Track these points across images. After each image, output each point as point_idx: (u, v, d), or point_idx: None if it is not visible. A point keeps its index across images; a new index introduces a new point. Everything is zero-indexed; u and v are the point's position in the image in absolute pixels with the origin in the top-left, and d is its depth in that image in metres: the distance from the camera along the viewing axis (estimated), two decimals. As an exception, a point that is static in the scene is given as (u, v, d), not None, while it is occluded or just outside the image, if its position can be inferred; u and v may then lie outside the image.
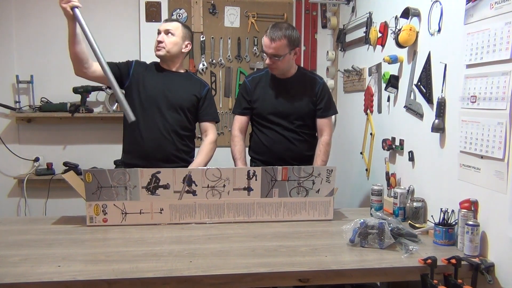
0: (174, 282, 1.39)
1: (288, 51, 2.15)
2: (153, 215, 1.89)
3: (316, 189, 1.95)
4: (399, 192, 1.99)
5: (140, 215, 1.89)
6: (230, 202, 1.91)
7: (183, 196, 1.89)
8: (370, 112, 2.58)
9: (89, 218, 1.88)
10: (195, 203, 1.90)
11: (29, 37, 3.28)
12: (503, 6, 1.45)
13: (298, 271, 1.45)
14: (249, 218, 1.93)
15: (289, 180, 1.91)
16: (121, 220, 1.89)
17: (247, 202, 1.92)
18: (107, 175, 1.84)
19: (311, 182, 1.94)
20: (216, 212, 1.92)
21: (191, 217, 1.91)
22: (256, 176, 1.89)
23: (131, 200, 1.88)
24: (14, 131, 3.32)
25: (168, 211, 1.90)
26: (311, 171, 1.92)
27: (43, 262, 1.48)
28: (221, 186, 1.89)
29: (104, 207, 1.87)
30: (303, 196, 1.94)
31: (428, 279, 1.43)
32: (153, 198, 1.88)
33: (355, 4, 2.92)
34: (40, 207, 3.37)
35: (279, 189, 1.92)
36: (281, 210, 1.94)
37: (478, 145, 1.56)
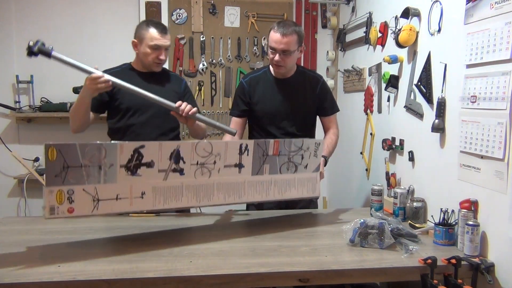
0: (174, 282, 1.39)
1: (296, 48, 2.13)
2: (133, 201, 1.58)
3: (305, 164, 1.88)
4: (399, 192, 1.99)
5: (117, 202, 1.55)
6: (220, 181, 1.72)
7: (169, 176, 1.62)
8: (370, 112, 2.58)
9: (49, 208, 1.47)
10: (182, 184, 1.65)
11: (29, 37, 3.26)
12: (503, 6, 1.45)
13: (298, 271, 1.45)
14: (240, 199, 1.78)
15: (280, 155, 1.82)
16: (92, 209, 1.53)
17: (237, 181, 1.75)
18: (77, 151, 1.47)
19: (300, 157, 1.87)
20: (205, 193, 1.70)
21: (177, 201, 1.65)
22: (248, 150, 1.74)
23: (105, 183, 1.53)
24: (14, 131, 3.32)
25: (151, 195, 1.60)
26: (300, 144, 1.86)
27: (43, 262, 1.48)
28: (211, 163, 1.68)
29: (70, 193, 1.49)
30: (293, 172, 1.86)
31: (428, 279, 1.43)
32: (133, 180, 1.56)
33: (355, 4, 2.92)
34: (40, 207, 3.36)
35: (270, 165, 1.81)
36: (272, 189, 1.83)
37: (478, 145, 1.56)
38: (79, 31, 3.32)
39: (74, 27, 3.31)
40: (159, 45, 2.08)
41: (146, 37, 2.07)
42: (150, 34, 2.06)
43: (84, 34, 3.32)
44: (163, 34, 2.08)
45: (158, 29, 2.08)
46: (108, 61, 3.31)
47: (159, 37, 2.07)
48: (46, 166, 1.45)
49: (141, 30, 2.10)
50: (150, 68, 2.16)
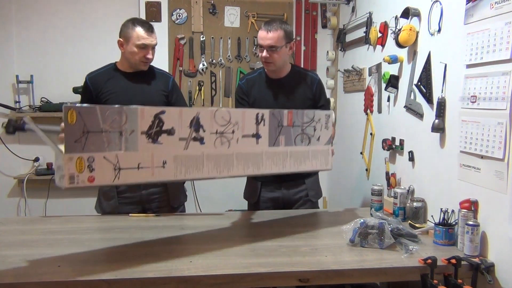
0: (174, 282, 1.39)
1: (284, 43, 2.12)
2: (154, 170, 1.52)
3: (317, 136, 1.91)
4: (399, 192, 1.99)
5: (138, 171, 1.49)
6: (239, 152, 1.70)
7: (190, 145, 1.58)
8: (370, 112, 2.58)
9: (69, 177, 1.36)
10: (202, 154, 1.61)
11: (29, 37, 3.28)
12: (503, 6, 1.45)
13: (298, 271, 1.45)
14: (259, 170, 1.77)
15: (294, 126, 1.84)
16: (113, 178, 1.44)
17: (255, 152, 1.75)
18: (98, 114, 1.41)
19: (313, 129, 1.90)
20: (225, 164, 1.67)
21: (198, 171, 1.60)
22: (264, 120, 1.75)
23: (126, 151, 1.45)
24: (14, 131, 3.32)
25: (172, 165, 1.55)
26: (312, 115, 1.89)
27: (43, 262, 1.48)
28: (230, 133, 1.67)
29: (91, 161, 1.40)
30: (306, 144, 1.89)
31: (428, 279, 1.43)
32: (154, 148, 1.51)
33: (355, 4, 2.92)
34: (40, 207, 3.37)
35: (285, 136, 1.82)
36: (288, 161, 1.84)
37: (478, 145, 1.56)
38: (79, 31, 3.32)
39: (74, 27, 3.31)
40: (146, 44, 2.05)
41: (132, 36, 2.04)
42: (136, 33, 2.04)
43: (84, 34, 3.32)
44: (149, 33, 2.06)
45: (144, 27, 2.05)
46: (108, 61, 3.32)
47: (146, 36, 2.04)
48: (66, 131, 1.38)
49: (126, 29, 2.06)
50: (137, 67, 2.13)
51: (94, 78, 2.12)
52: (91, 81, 2.12)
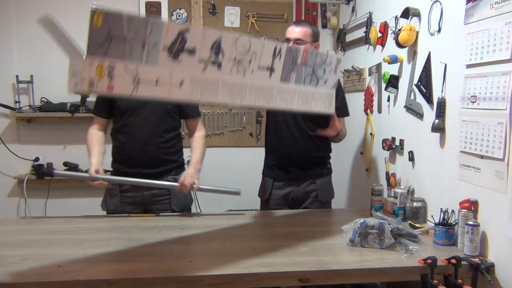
0: (174, 282, 1.39)
1: (310, 41, 2.21)
2: (171, 89, 1.52)
3: (325, 79, 1.94)
4: (399, 192, 1.99)
5: (156, 87, 1.49)
6: (252, 83, 1.71)
7: (207, 68, 1.57)
8: (370, 112, 2.58)
9: (89, 81, 1.35)
10: (218, 80, 1.61)
11: (29, 37, 3.28)
12: (503, 6, 1.45)
13: (298, 271, 1.45)
14: (269, 104, 1.81)
15: (307, 65, 1.87)
16: (132, 90, 1.44)
17: (267, 85, 1.76)
18: (124, 21, 1.37)
19: (323, 71, 1.93)
20: (238, 92, 1.67)
21: (213, 95, 1.61)
22: (280, 55, 1.76)
23: (146, 64, 1.44)
24: (14, 131, 3.32)
25: (189, 86, 1.55)
26: (325, 57, 1.92)
27: (43, 262, 1.48)
28: (247, 62, 1.67)
29: (111, 69, 1.39)
30: (314, 85, 1.92)
31: (428, 279, 1.43)
32: (173, 66, 1.50)
33: (355, 4, 2.92)
34: (40, 207, 3.37)
35: (297, 74, 1.84)
36: (296, 99, 1.87)
37: (478, 145, 1.56)
38: (79, 31, 3.30)
39: (74, 27, 3.28)
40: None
41: None
42: None
43: (84, 34, 3.31)
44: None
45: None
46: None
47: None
48: (89, 34, 1.35)
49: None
50: None
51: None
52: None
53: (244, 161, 3.44)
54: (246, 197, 2.16)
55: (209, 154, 2.36)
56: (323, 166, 2.35)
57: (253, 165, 3.00)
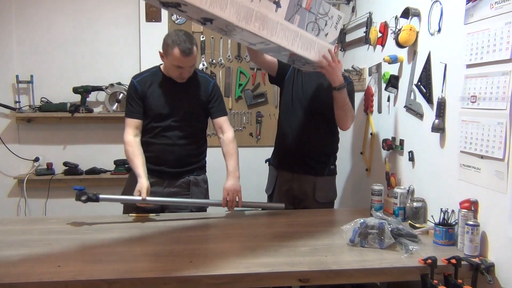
0: (174, 282, 1.39)
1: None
2: None
3: (326, 32, 1.96)
4: (399, 192, 1.99)
5: None
6: (259, 10, 1.73)
7: None
8: (370, 112, 2.58)
9: None
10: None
11: (29, 37, 3.28)
12: (503, 6, 1.45)
13: (298, 271, 1.45)
14: (271, 37, 1.80)
15: (310, 11, 1.89)
16: None
17: (272, 18, 1.79)
18: None
19: (324, 23, 1.95)
20: (245, 16, 1.70)
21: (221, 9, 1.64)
22: None
23: None
24: (14, 131, 3.32)
25: None
26: (328, 9, 1.94)
27: (43, 262, 1.48)
28: None
29: None
30: (315, 35, 1.94)
31: (428, 279, 1.43)
32: None
33: (355, 4, 2.92)
34: (40, 207, 3.37)
35: (300, 17, 1.87)
36: (297, 41, 1.89)
37: (478, 145, 1.56)
38: (79, 31, 3.32)
39: (74, 27, 3.31)
40: (181, 66, 2.04)
41: (170, 54, 2.02)
42: (173, 54, 2.00)
43: (84, 34, 3.32)
44: (186, 56, 2.00)
45: (181, 49, 1.99)
46: (108, 61, 3.33)
47: (182, 59, 2.01)
48: None
49: (167, 46, 2.03)
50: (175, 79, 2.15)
51: (141, 80, 2.16)
52: (139, 83, 2.15)
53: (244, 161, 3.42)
54: (246, 197, 2.16)
55: (210, 154, 2.37)
56: (324, 165, 2.35)
57: (253, 165, 3.01)
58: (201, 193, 2.23)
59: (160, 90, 2.14)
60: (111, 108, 3.30)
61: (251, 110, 3.52)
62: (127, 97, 2.21)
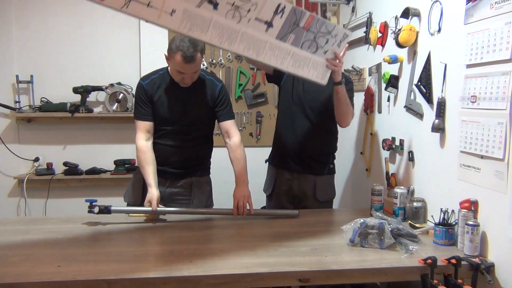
0: (174, 282, 1.39)
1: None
2: (162, 14, 1.55)
3: (326, 49, 1.86)
4: (399, 192, 1.99)
5: (147, 8, 1.53)
6: (245, 32, 1.67)
7: (203, 4, 1.57)
8: (370, 112, 2.58)
9: None
10: (211, 19, 1.60)
11: (29, 37, 3.28)
12: (503, 6, 1.45)
13: (298, 271, 1.45)
14: (257, 56, 1.74)
15: (309, 30, 1.78)
16: (123, 5, 1.53)
17: (261, 39, 1.71)
18: None
19: (325, 40, 1.84)
20: (228, 37, 1.65)
21: (201, 33, 1.61)
22: (283, 13, 1.69)
23: None
24: (14, 131, 3.32)
25: (180, 16, 1.56)
26: (332, 28, 1.83)
27: (43, 262, 1.48)
28: (246, 10, 1.63)
29: None
30: (312, 52, 1.84)
31: (428, 279, 1.43)
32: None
33: (355, 4, 2.92)
34: (40, 207, 3.37)
35: (296, 35, 1.76)
36: (288, 59, 1.80)
37: (478, 145, 1.56)
38: (79, 31, 3.32)
39: (73, 27, 3.31)
40: (183, 72, 2.01)
41: (172, 59, 1.99)
42: (175, 60, 1.97)
43: (83, 34, 3.32)
44: (188, 62, 1.96)
45: (183, 56, 1.94)
46: (108, 61, 3.33)
47: (183, 65, 1.97)
48: None
49: (170, 51, 2.00)
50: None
51: (149, 83, 2.13)
52: (148, 86, 2.12)
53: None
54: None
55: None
56: (324, 165, 2.36)
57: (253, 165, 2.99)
58: (203, 194, 2.23)
59: (167, 95, 2.11)
60: (111, 108, 3.30)
61: (251, 110, 3.52)
62: (136, 99, 2.17)
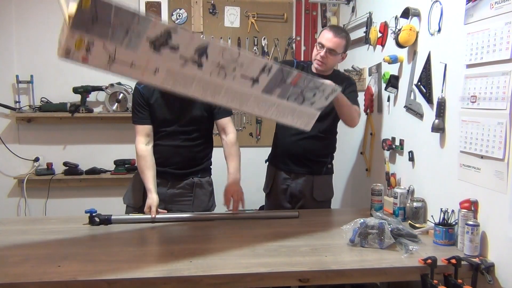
0: (174, 282, 1.39)
1: (341, 52, 2.20)
2: (145, 73, 1.54)
3: (312, 101, 1.84)
4: (399, 192, 1.99)
5: (130, 69, 1.51)
6: (230, 87, 1.66)
7: (187, 65, 1.56)
8: (370, 112, 2.58)
9: (66, 49, 1.42)
10: (195, 77, 1.60)
11: (29, 37, 3.28)
12: (503, 6, 1.45)
13: (298, 271, 1.45)
14: (241, 107, 1.75)
15: (296, 86, 1.77)
16: (106, 65, 1.49)
17: (246, 93, 1.70)
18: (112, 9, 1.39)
19: (312, 94, 1.83)
20: (211, 91, 1.65)
21: (185, 88, 1.61)
22: (270, 72, 1.67)
23: (127, 48, 1.46)
24: (14, 131, 3.32)
25: (163, 75, 1.56)
26: (319, 84, 1.82)
27: (43, 262, 1.48)
28: (231, 68, 1.62)
29: (90, 45, 1.43)
30: (299, 103, 1.82)
31: (428, 279, 1.43)
32: (153, 55, 1.50)
33: (355, 4, 2.92)
34: (40, 207, 3.37)
35: (282, 90, 1.74)
36: (272, 110, 1.79)
37: (478, 145, 1.56)
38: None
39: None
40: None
41: None
42: None
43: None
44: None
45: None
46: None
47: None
48: (76, 11, 1.38)
49: None
50: None
51: (145, 86, 2.11)
52: (144, 89, 2.11)
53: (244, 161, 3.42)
54: (246, 197, 2.16)
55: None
56: (322, 165, 2.36)
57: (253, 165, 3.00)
58: (204, 195, 2.23)
59: (165, 96, 2.09)
60: (111, 108, 3.30)
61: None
62: (133, 104, 2.17)
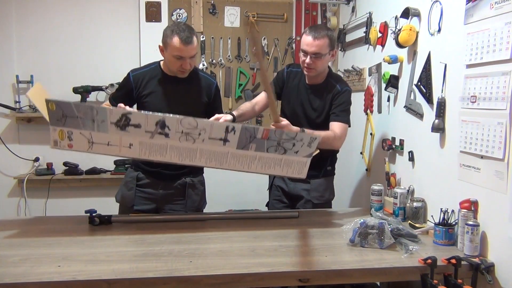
0: (174, 282, 1.39)
1: (328, 51, 2.12)
2: (122, 149, 1.77)
3: (295, 150, 1.81)
4: (399, 192, 1.99)
5: (108, 147, 1.77)
6: (203, 148, 1.76)
7: (155, 136, 1.73)
8: (370, 112, 2.58)
9: (53, 141, 1.77)
10: (167, 144, 1.75)
11: (29, 37, 3.28)
12: (503, 6, 1.45)
13: (298, 271, 1.45)
14: (221, 165, 1.80)
15: (269, 139, 1.77)
16: (88, 148, 1.77)
17: (221, 151, 1.77)
18: (73, 107, 1.70)
19: (292, 144, 1.80)
20: (188, 155, 1.77)
21: (161, 156, 1.77)
22: (234, 131, 1.73)
23: (98, 132, 1.73)
24: (14, 131, 3.32)
25: (137, 147, 1.76)
26: (294, 135, 1.78)
27: (43, 262, 1.48)
28: (196, 134, 1.74)
29: (70, 134, 1.74)
30: (281, 153, 1.81)
31: (428, 279, 1.44)
32: (122, 134, 1.73)
33: (355, 4, 2.92)
34: (40, 207, 3.37)
35: (257, 145, 1.77)
36: (255, 163, 1.80)
37: (478, 145, 1.56)
38: (79, 31, 3.32)
39: (74, 27, 3.31)
40: (182, 55, 1.98)
41: (170, 45, 1.97)
42: (173, 43, 1.95)
43: (84, 34, 3.32)
44: (186, 44, 1.95)
45: (181, 38, 1.94)
46: (108, 61, 3.33)
47: (182, 47, 1.95)
48: (49, 113, 1.72)
49: (166, 37, 1.99)
50: (176, 75, 2.09)
51: (137, 75, 2.09)
52: (135, 78, 2.09)
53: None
54: (246, 197, 2.16)
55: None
56: (319, 169, 2.32)
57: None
58: (197, 195, 2.22)
59: (159, 88, 2.08)
60: (111, 108, 3.30)
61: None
62: (119, 85, 2.17)
